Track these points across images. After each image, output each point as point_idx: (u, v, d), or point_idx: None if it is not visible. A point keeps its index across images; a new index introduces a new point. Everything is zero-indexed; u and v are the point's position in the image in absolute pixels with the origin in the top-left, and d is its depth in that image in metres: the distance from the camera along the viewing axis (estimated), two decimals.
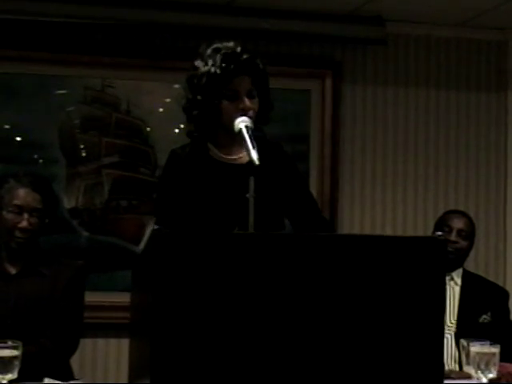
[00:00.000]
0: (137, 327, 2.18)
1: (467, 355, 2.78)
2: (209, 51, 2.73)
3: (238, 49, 2.71)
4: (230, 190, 2.61)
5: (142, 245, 4.50)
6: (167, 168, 2.80)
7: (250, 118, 2.64)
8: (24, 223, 3.21)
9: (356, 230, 4.76)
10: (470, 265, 4.14)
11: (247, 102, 2.68)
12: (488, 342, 2.78)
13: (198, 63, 2.74)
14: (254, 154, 2.46)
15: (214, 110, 2.70)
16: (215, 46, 2.73)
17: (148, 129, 4.63)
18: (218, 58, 2.69)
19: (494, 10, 4.59)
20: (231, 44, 2.73)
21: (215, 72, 2.68)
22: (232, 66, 2.68)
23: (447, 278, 3.83)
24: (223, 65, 2.68)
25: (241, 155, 2.69)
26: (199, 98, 2.71)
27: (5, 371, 2.56)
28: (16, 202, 3.23)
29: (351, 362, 1.96)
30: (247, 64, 2.70)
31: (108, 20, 4.47)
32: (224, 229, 2.54)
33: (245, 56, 2.71)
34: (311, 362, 1.93)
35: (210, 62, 2.70)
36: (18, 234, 3.22)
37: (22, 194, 3.24)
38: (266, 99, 2.77)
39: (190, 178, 2.72)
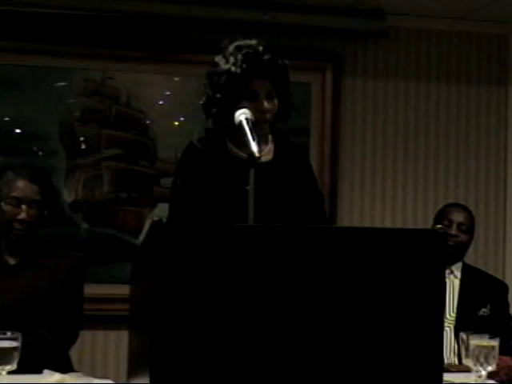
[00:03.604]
0: (136, 319, 2.18)
1: (466, 348, 2.78)
2: (231, 49, 2.71)
3: (260, 48, 2.69)
4: (245, 184, 2.55)
5: (142, 237, 4.50)
6: (183, 159, 2.80)
7: (267, 120, 2.65)
8: (23, 215, 3.21)
9: (356, 223, 4.76)
10: (469, 258, 4.13)
11: (266, 104, 2.67)
12: (487, 335, 2.78)
13: (219, 60, 2.72)
14: (254, 147, 2.45)
15: (232, 109, 2.68)
16: (237, 43, 2.71)
17: (148, 121, 4.63)
18: (240, 57, 2.67)
19: (495, 3, 4.58)
20: (254, 42, 2.71)
21: (235, 72, 2.66)
22: (253, 67, 2.66)
23: (447, 271, 3.83)
24: (244, 65, 2.66)
25: (262, 153, 2.64)
26: (218, 96, 2.71)
27: (4, 362, 2.55)
28: (14, 193, 3.22)
29: (350, 355, 1.95)
30: (268, 65, 2.68)
31: (108, 12, 4.46)
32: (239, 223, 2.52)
33: (266, 57, 2.68)
34: (310, 353, 1.93)
35: (232, 61, 2.68)
36: (16, 225, 3.22)
37: (21, 186, 3.23)
38: (286, 99, 2.77)
39: (206, 171, 2.72)
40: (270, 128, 2.83)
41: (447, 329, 3.75)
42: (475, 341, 2.75)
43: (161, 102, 4.65)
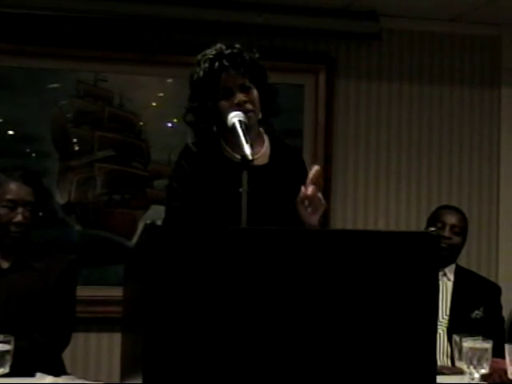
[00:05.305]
0: (129, 321, 2.18)
1: (459, 351, 2.79)
2: (198, 57, 2.77)
3: (223, 47, 2.74)
4: (238, 186, 2.54)
5: (135, 239, 4.49)
6: (179, 162, 2.80)
7: (249, 111, 2.66)
8: (19, 217, 3.20)
9: (349, 225, 4.76)
10: (462, 260, 4.14)
11: (239, 95, 2.68)
12: (480, 338, 2.78)
13: (191, 73, 2.78)
14: (247, 149, 2.45)
15: (211, 113, 2.71)
16: (203, 51, 2.77)
17: (141, 123, 4.62)
18: (203, 62, 2.73)
19: (488, 5, 4.59)
20: (218, 46, 2.76)
21: (202, 76, 2.72)
22: (216, 64, 2.70)
23: (440, 273, 3.84)
24: (208, 65, 2.71)
25: (256, 156, 2.65)
26: (195, 104, 2.75)
27: None
28: (9, 196, 3.22)
29: (343, 357, 1.95)
30: (230, 58, 2.71)
31: (101, 13, 4.46)
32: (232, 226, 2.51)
33: (227, 52, 2.72)
34: (302, 356, 1.93)
35: (198, 69, 2.74)
36: (13, 228, 3.21)
37: (15, 188, 3.23)
38: (266, 90, 2.78)
39: (201, 174, 2.73)
40: (265, 131, 2.84)
41: (440, 331, 3.76)
42: (468, 343, 2.75)
43: (154, 104, 4.65)
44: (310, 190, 2.60)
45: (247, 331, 1.90)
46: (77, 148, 4.56)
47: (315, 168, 2.63)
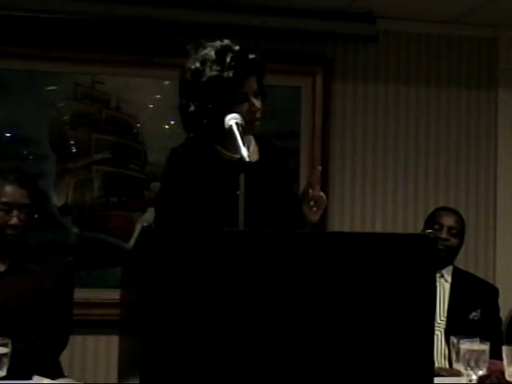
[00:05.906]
0: (126, 324, 2.18)
1: (457, 352, 2.79)
2: (211, 54, 2.66)
3: (239, 48, 2.67)
4: (235, 188, 2.52)
5: (132, 241, 4.49)
6: (169, 166, 2.72)
7: (258, 119, 2.67)
8: (14, 220, 3.20)
9: (346, 227, 4.76)
10: (459, 262, 4.14)
11: (256, 102, 2.67)
12: (478, 339, 2.78)
13: (199, 67, 2.67)
14: (244, 151, 2.44)
15: (223, 116, 2.59)
16: (215, 47, 2.67)
17: (138, 125, 4.62)
18: (228, 60, 2.63)
19: (485, 7, 4.59)
20: (228, 42, 2.68)
21: (228, 76, 2.61)
22: (244, 68, 2.63)
23: (437, 275, 3.84)
24: (236, 68, 2.62)
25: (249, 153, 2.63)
26: (210, 106, 2.64)
27: None
28: (4, 199, 3.22)
29: (341, 359, 1.95)
30: (255, 64, 2.68)
31: (98, 16, 4.45)
32: (231, 227, 2.49)
33: (251, 56, 2.67)
34: (299, 358, 1.93)
35: (216, 67, 2.64)
36: (8, 231, 3.21)
37: (10, 191, 3.23)
38: (264, 94, 2.78)
39: (193, 176, 2.67)
40: None
41: (438, 332, 3.76)
42: (466, 345, 2.75)
43: (151, 106, 4.65)
44: (316, 190, 2.65)
45: (244, 333, 1.90)
46: (74, 150, 4.56)
47: (318, 169, 2.67)
